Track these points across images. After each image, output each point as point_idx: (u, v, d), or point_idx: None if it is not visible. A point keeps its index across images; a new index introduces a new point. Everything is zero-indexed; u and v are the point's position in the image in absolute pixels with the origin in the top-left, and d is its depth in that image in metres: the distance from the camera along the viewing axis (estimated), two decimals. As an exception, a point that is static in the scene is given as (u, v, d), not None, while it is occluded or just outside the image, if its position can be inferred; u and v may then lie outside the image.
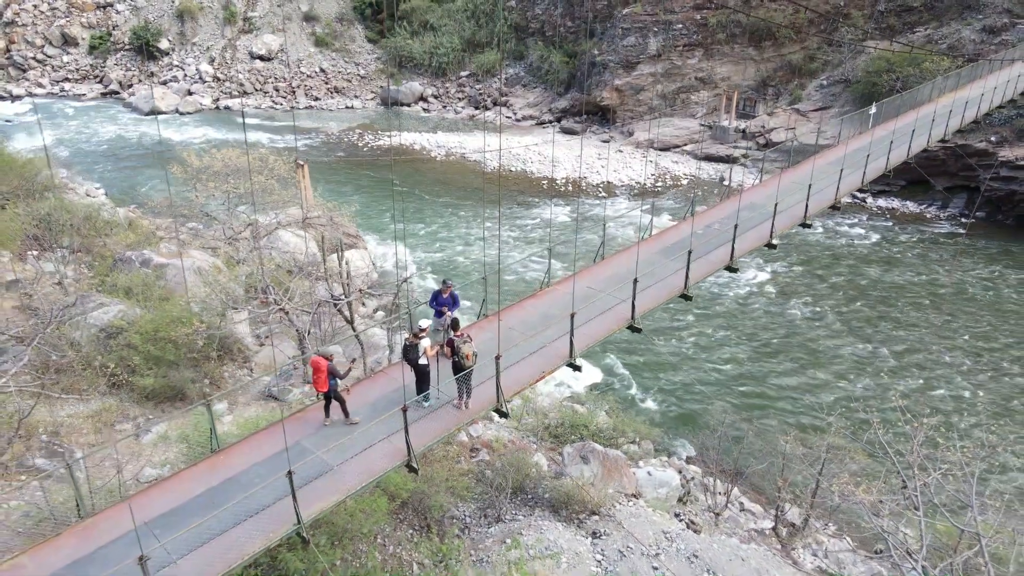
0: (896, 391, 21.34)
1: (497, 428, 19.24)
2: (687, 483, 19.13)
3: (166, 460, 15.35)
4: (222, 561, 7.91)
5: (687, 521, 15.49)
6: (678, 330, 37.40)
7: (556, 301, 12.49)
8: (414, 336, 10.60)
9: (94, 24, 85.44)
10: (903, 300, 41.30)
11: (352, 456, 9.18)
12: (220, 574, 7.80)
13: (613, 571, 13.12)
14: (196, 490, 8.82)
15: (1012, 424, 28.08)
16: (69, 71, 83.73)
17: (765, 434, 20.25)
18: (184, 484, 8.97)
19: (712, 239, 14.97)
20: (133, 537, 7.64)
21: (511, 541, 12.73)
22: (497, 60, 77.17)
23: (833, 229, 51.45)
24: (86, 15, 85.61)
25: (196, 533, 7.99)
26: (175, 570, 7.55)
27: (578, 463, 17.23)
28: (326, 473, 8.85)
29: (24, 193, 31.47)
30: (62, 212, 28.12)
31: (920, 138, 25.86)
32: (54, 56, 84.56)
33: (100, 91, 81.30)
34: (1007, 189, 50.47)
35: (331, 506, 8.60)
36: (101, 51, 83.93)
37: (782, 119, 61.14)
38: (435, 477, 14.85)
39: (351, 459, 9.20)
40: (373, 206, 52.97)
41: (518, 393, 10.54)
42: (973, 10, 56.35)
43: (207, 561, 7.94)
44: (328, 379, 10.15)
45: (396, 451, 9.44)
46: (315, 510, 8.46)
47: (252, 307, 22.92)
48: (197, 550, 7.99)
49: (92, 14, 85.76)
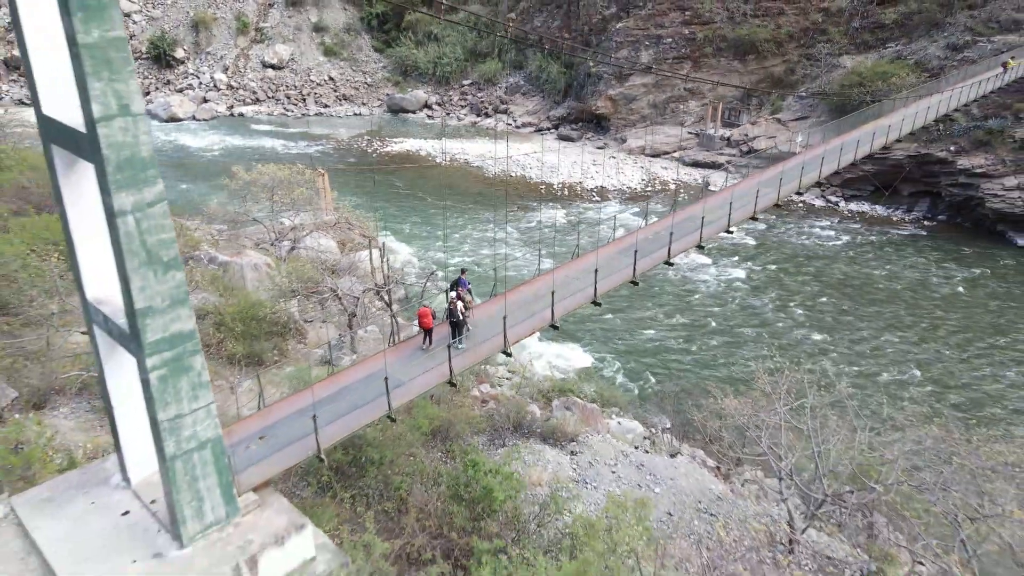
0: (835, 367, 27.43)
1: (501, 389, 25.35)
2: (649, 434, 25.19)
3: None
4: (347, 428, 14.04)
5: (643, 450, 21.58)
6: (657, 320, 43.60)
7: (543, 285, 18.49)
8: (456, 299, 16.72)
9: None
10: (863, 295, 47.50)
11: (418, 375, 15.25)
12: (346, 433, 13.93)
13: (583, 474, 19.25)
14: (325, 394, 14.93)
15: (945, 412, 34.29)
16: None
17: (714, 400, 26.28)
18: (319, 391, 15.07)
19: (661, 240, 20.93)
20: (296, 416, 13.84)
21: (512, 449, 18.80)
22: (498, 69, 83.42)
23: (807, 231, 57.66)
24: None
25: (333, 411, 14.10)
26: (325, 430, 13.66)
27: (563, 410, 23.32)
28: (402, 384, 14.91)
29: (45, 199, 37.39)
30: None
31: (847, 154, 31.70)
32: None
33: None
34: (965, 195, 56.70)
35: (406, 402, 14.69)
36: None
37: (763, 127, 67.39)
38: (456, 416, 20.89)
39: (416, 377, 15.26)
40: (384, 207, 59.11)
41: (518, 341, 16.56)
42: (939, 28, 62.59)
43: (342, 426, 14.11)
44: (432, 319, 16.25)
45: (440, 375, 15.53)
46: (396, 404, 14.53)
47: (299, 296, 29.11)
48: (334, 422, 14.06)
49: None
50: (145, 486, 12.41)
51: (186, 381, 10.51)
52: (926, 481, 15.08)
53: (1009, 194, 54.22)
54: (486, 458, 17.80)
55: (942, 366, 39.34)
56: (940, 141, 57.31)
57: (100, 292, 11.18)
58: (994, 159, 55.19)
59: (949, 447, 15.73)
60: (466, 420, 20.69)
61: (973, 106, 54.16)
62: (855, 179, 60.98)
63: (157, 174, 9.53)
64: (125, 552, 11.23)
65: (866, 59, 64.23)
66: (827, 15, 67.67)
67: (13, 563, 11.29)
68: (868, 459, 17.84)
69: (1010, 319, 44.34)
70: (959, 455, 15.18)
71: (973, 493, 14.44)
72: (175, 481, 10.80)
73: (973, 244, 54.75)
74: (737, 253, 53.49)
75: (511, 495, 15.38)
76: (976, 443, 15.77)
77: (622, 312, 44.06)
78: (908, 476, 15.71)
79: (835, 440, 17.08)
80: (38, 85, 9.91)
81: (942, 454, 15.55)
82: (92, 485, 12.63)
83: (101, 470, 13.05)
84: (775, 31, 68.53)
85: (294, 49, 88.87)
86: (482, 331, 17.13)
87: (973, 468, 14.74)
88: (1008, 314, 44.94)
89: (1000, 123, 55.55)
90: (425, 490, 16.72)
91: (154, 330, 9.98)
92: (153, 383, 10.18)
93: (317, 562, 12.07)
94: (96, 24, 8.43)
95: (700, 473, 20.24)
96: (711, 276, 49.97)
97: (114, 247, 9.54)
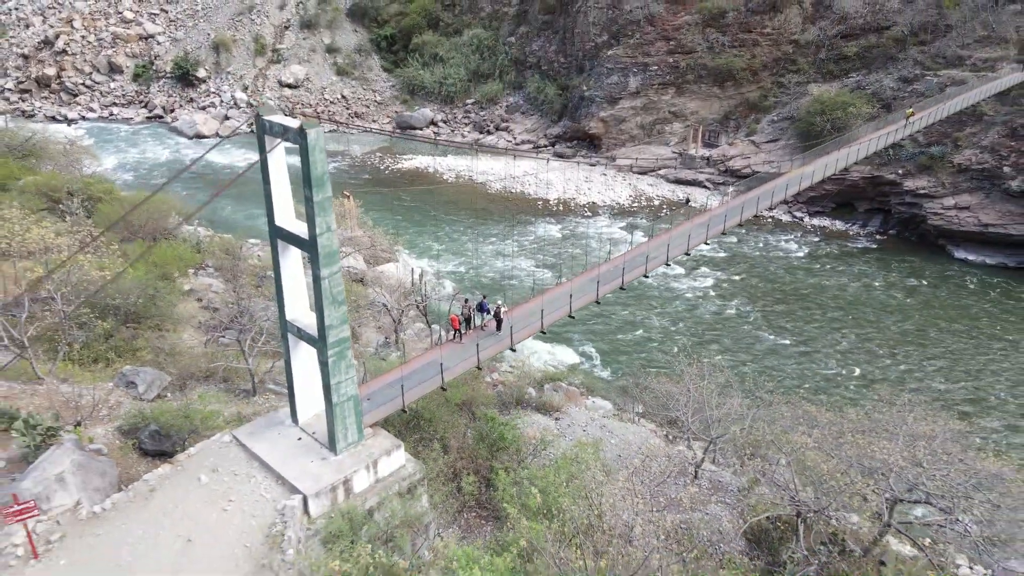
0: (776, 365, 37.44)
1: (505, 376, 35.26)
2: (616, 409, 35.08)
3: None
4: (418, 394, 24.03)
5: (607, 418, 31.45)
6: (637, 323, 53.70)
7: (535, 304, 28.28)
8: (472, 310, 26.61)
9: (137, 54, 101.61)
10: (815, 301, 57.61)
11: (457, 363, 25.08)
12: (418, 396, 23.91)
13: (563, 431, 29.15)
14: (402, 374, 24.81)
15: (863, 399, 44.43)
16: (116, 97, 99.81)
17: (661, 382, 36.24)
18: (395, 372, 25.00)
19: (617, 273, 30.67)
20: (385, 388, 23.88)
21: (515, 415, 28.73)
22: (499, 90, 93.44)
23: (773, 244, 67.77)
24: (130, 45, 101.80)
25: (409, 383, 23.99)
26: (409, 393, 23.58)
27: (551, 392, 33.23)
28: (448, 369, 24.77)
29: (152, 229, 47.11)
30: (209, 243, 44.43)
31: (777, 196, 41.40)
32: (101, 83, 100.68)
33: (145, 115, 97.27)
34: (911, 212, 66.85)
35: (450, 379, 24.52)
36: (144, 79, 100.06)
37: (739, 148, 77.50)
38: (476, 394, 30.75)
39: (457, 364, 25.09)
40: (401, 223, 69.10)
41: (520, 341, 26.41)
42: (894, 61, 72.68)
43: (416, 393, 24.05)
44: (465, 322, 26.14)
45: (471, 363, 25.35)
46: (447, 379, 24.47)
47: (360, 308, 39.04)
48: (411, 389, 23.88)
49: (136, 44, 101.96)
50: (306, 424, 22.46)
51: (344, 363, 20.52)
52: (765, 428, 25.17)
53: (948, 212, 64.38)
54: (499, 416, 27.95)
55: (867, 359, 49.47)
56: (890, 164, 67.47)
57: (294, 314, 21.24)
58: (935, 182, 65.37)
59: (791, 411, 25.98)
60: (483, 397, 30.62)
61: (919, 134, 64.13)
62: (818, 197, 71.00)
63: (338, 258, 19.59)
64: (304, 456, 21.28)
65: (831, 88, 74.26)
66: (797, 46, 77.70)
67: (242, 464, 21.33)
68: (740, 418, 28.00)
69: (933, 322, 54.47)
70: (793, 416, 25.36)
71: (801, 435, 24.49)
72: (335, 418, 20.81)
73: (917, 256, 64.95)
74: (709, 264, 63.60)
75: (515, 439, 25.41)
76: (813, 410, 25.99)
77: (606, 317, 54.12)
78: (755, 427, 25.83)
79: (726, 407, 27.17)
80: (275, 206, 19.96)
81: (780, 415, 25.72)
82: (274, 425, 22.70)
83: (276, 417, 23.13)
84: (751, 60, 78.54)
85: (309, 69, 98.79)
86: (494, 335, 27.16)
87: (791, 423, 24.87)
88: (933, 317, 55.05)
89: (941, 150, 65.72)
90: (459, 437, 26.72)
91: (331, 336, 19.99)
92: (329, 364, 20.20)
93: (406, 466, 22.12)
94: (320, 191, 18.46)
95: (646, 432, 30.32)
96: (686, 285, 60.10)
97: (315, 294, 19.56)
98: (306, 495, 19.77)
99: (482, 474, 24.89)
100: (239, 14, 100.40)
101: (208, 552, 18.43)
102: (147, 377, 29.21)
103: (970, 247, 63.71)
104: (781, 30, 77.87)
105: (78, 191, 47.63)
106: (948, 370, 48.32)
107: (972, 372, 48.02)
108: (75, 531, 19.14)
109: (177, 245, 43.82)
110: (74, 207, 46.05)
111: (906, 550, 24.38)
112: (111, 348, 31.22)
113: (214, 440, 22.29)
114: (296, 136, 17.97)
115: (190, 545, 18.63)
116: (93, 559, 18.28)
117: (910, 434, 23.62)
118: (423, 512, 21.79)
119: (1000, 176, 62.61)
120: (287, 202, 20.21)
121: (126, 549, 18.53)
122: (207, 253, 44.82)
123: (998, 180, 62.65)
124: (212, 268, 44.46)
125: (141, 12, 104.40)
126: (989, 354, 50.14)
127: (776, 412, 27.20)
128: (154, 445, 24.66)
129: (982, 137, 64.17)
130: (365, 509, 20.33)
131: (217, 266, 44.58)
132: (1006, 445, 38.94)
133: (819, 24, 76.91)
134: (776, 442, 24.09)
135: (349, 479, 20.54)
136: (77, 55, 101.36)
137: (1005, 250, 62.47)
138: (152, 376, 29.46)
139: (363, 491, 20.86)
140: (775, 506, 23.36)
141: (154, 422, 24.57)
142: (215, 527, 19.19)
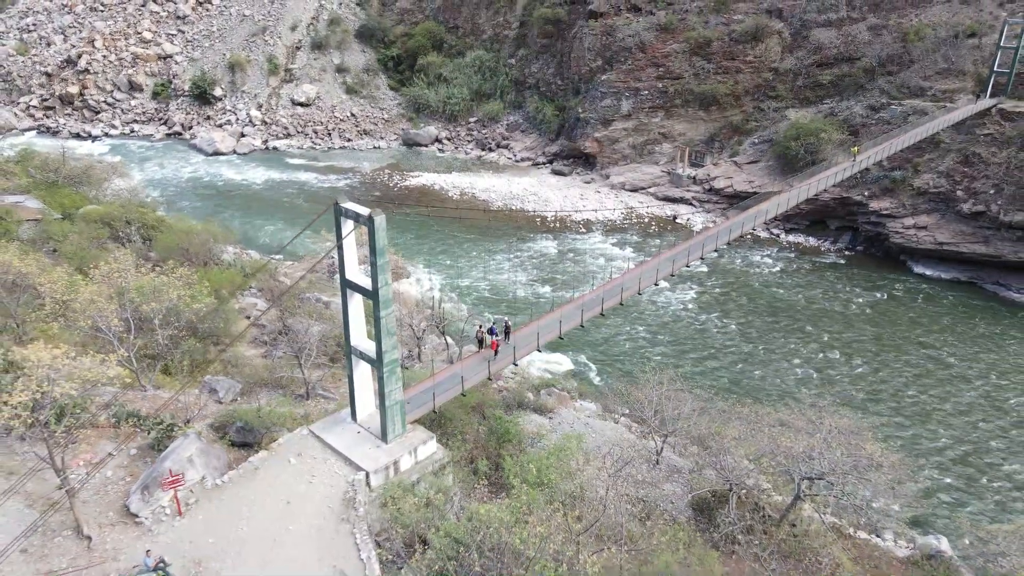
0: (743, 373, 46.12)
1: (508, 382, 43.88)
2: (602, 410, 43.68)
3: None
4: (444, 399, 32.52)
5: (592, 418, 40.05)
6: (624, 334, 62.33)
7: (533, 327, 36.76)
8: (484, 333, 35.03)
9: (156, 73, 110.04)
10: (786, 314, 66.21)
11: (476, 374, 33.43)
12: (445, 400, 32.40)
13: (554, 428, 37.79)
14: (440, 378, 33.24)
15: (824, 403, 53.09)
16: (136, 114, 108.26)
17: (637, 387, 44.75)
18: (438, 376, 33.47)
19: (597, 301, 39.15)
20: (419, 394, 32.38)
21: (516, 415, 37.34)
22: (500, 109, 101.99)
23: (750, 259, 76.38)
24: (149, 65, 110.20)
25: (437, 391, 32.42)
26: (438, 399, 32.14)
27: (547, 396, 41.83)
28: (468, 378, 33.15)
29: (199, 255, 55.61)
30: (252, 267, 53.04)
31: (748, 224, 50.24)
32: (122, 100, 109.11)
33: (165, 132, 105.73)
34: (876, 231, 75.50)
35: (468, 387, 32.88)
36: (163, 97, 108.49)
37: (723, 169, 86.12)
38: (485, 397, 39.29)
39: (476, 374, 33.48)
40: (410, 240, 77.60)
41: (521, 357, 34.83)
42: (864, 90, 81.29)
43: (442, 398, 32.56)
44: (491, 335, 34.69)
45: (484, 375, 33.74)
46: (468, 387, 32.90)
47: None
48: (439, 395, 32.28)
49: (154, 64, 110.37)
50: (363, 421, 31.06)
51: (394, 377, 29.08)
52: (703, 424, 33.99)
53: (908, 231, 73.03)
54: (504, 415, 36.65)
55: (826, 364, 58.12)
56: (858, 187, 76.11)
57: (356, 341, 29.86)
58: (897, 203, 74.04)
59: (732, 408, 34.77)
60: (491, 400, 39.27)
61: (884, 160, 72.73)
62: (794, 215, 79.60)
63: (392, 301, 28.21)
64: (364, 445, 29.86)
65: (807, 113, 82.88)
66: (776, 74, 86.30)
67: (319, 450, 29.92)
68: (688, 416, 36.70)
69: (889, 331, 63.11)
70: (731, 414, 34.18)
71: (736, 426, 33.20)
72: (387, 416, 29.39)
73: (881, 271, 73.61)
74: (692, 279, 72.23)
75: (517, 433, 34.08)
76: (745, 410, 34.70)
77: (598, 328, 62.74)
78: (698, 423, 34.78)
79: (679, 408, 35.89)
80: (346, 264, 28.58)
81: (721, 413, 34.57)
82: (338, 422, 31.31)
83: (338, 416, 31.74)
84: (734, 86, 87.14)
85: (319, 88, 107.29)
86: (502, 352, 35.73)
87: (728, 419, 33.78)
88: (888, 327, 63.69)
89: (902, 174, 74.39)
90: (474, 432, 35.37)
91: (386, 357, 28.56)
92: (384, 378, 28.77)
93: (437, 452, 30.72)
94: (381, 257, 27.05)
95: (622, 429, 39.07)
96: (672, 299, 68.70)
97: (375, 328, 28.14)
98: (368, 472, 28.38)
99: (492, 459, 33.50)
100: (253, 35, 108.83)
101: (303, 509, 27.04)
102: (225, 384, 37.82)
103: (928, 263, 72.37)
104: (762, 58, 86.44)
105: (134, 219, 56.21)
106: (875, 372, 56.86)
107: (895, 372, 56.42)
108: (204, 497, 27.73)
109: (224, 270, 52.41)
110: (132, 234, 54.71)
111: (816, 517, 33.09)
112: (192, 361, 39.78)
113: (295, 433, 30.91)
114: (366, 221, 26.53)
115: (289, 506, 27.23)
116: (221, 515, 26.85)
117: (822, 428, 32.28)
118: (450, 486, 30.41)
119: (954, 199, 71.24)
120: (354, 260, 28.78)
121: (244, 508, 27.12)
122: (251, 277, 53.46)
123: (952, 203, 71.29)
124: (255, 289, 53.07)
125: (159, 33, 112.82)
126: (911, 356, 58.69)
127: (716, 410, 35.96)
128: (240, 438, 33.22)
129: (939, 163, 72.83)
130: (410, 482, 28.97)
131: (259, 287, 53.20)
132: (889, 435, 47.10)
133: (796, 54, 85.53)
134: (712, 435, 32.81)
135: (397, 461, 29.14)
136: (99, 74, 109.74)
137: (959, 266, 71.10)
138: (228, 384, 38.07)
139: (407, 470, 29.48)
140: (713, 483, 32.06)
141: (240, 420, 33.16)
142: (305, 494, 27.79)
